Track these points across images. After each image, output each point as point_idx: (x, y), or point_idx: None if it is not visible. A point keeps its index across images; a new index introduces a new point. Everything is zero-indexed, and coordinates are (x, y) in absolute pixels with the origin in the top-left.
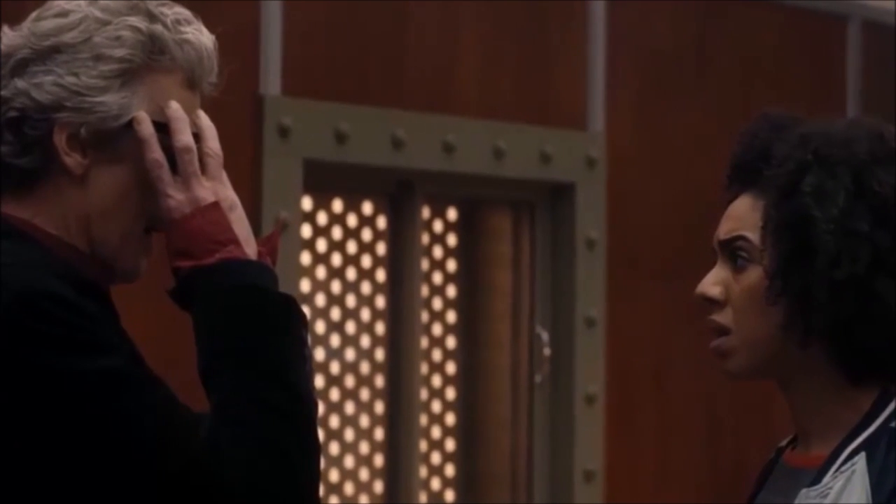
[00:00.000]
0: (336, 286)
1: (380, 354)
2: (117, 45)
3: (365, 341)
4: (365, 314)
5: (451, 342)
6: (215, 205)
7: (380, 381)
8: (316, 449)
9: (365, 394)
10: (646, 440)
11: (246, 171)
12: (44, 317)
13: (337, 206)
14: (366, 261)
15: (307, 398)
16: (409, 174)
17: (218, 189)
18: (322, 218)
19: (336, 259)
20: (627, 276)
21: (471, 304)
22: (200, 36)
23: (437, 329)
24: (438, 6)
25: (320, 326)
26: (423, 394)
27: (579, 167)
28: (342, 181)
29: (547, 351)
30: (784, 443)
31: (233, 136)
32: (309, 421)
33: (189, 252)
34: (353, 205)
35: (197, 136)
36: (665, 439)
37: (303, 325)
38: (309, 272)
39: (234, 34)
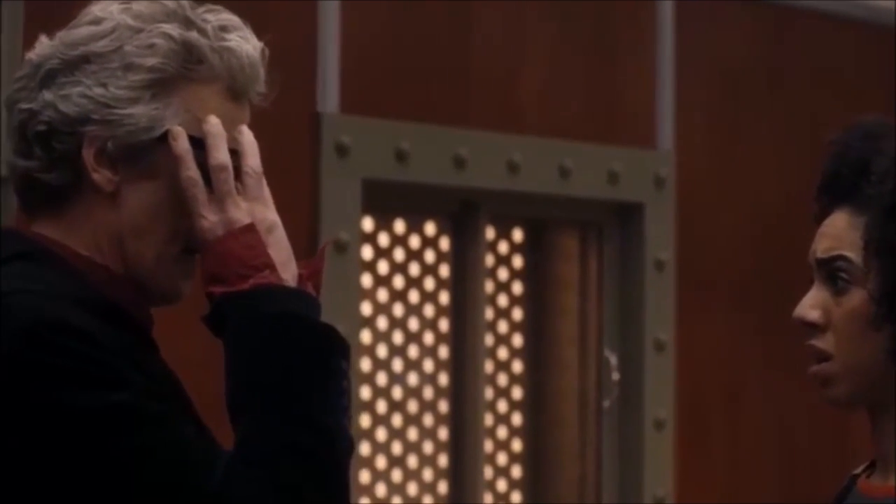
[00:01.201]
0: (398, 309)
1: (443, 379)
2: (149, 54)
3: (428, 365)
4: (428, 338)
5: (517, 366)
6: (250, 227)
7: (443, 406)
8: (341, 495)
9: (428, 419)
10: (717, 467)
11: (303, 191)
12: (50, 349)
13: (399, 227)
14: (429, 283)
15: (339, 438)
16: (472, 194)
17: (255, 210)
18: (383, 239)
19: (398, 281)
20: (698, 297)
21: (537, 328)
22: (244, 43)
23: (502, 353)
24: (503, 22)
25: (382, 350)
26: (489, 419)
27: (648, 186)
28: (403, 201)
29: (615, 375)
30: (859, 470)
31: (289, 155)
32: (337, 465)
33: (222, 277)
34: (415, 226)
35: (238, 153)
36: (737, 466)
37: (343, 356)
38: (370, 295)
39: (289, 49)
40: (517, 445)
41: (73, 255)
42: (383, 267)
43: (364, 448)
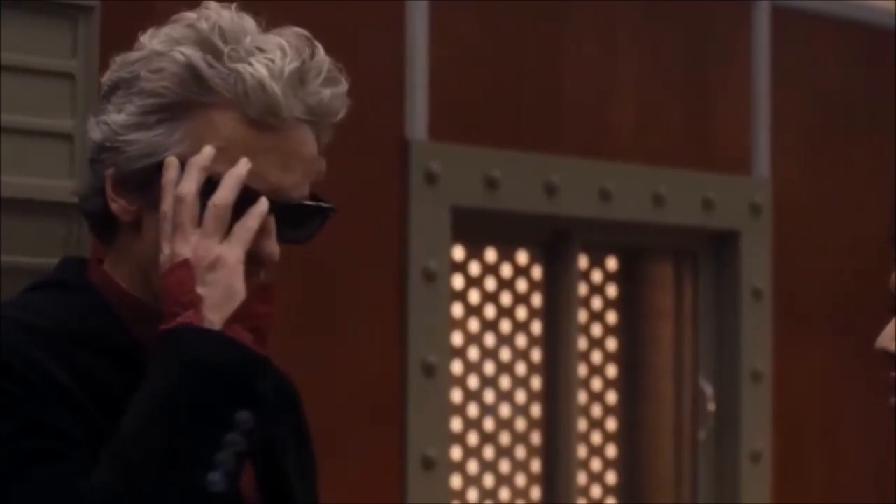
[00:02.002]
0: (490, 339)
1: (536, 410)
2: (156, 79)
3: (520, 396)
4: (520, 368)
5: (611, 397)
6: (185, 262)
7: (536, 438)
8: None
9: (521, 451)
10: (815, 499)
11: (391, 219)
12: None
13: (490, 255)
14: (521, 312)
15: (197, 497)
16: (564, 222)
17: (202, 245)
18: (474, 268)
19: (490, 311)
20: (795, 327)
21: (631, 358)
22: (260, 68)
23: (596, 383)
24: (595, 47)
25: (473, 381)
26: (582, 451)
27: (744, 214)
28: (493, 229)
29: (711, 406)
30: None
31: (378, 183)
32: None
33: (164, 312)
34: (506, 254)
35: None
36: (835, 499)
37: (243, 404)
38: (461, 324)
39: (377, 76)
40: (611, 478)
41: (108, 285)
42: (474, 296)
43: (455, 480)
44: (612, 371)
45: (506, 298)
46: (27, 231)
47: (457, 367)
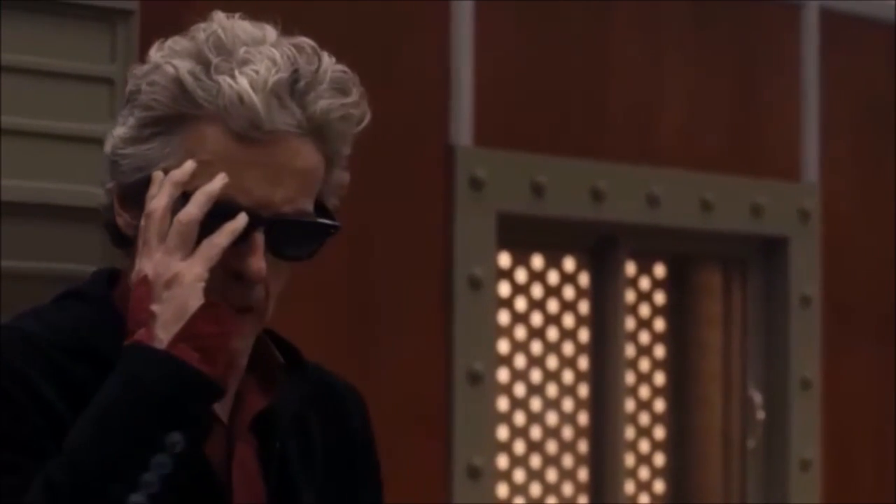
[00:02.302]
0: (537, 347)
1: (583, 418)
2: (150, 92)
3: (567, 405)
4: (567, 376)
5: (659, 405)
6: (143, 279)
7: (583, 446)
8: None
9: (568, 460)
10: None
11: (436, 225)
12: None
13: (536, 262)
14: (568, 320)
15: None
16: (611, 228)
17: (161, 261)
18: (520, 275)
19: (537, 318)
20: (845, 334)
21: (679, 365)
22: (241, 81)
23: (644, 391)
24: (642, 51)
25: (520, 389)
26: (630, 460)
27: (792, 220)
28: (539, 236)
29: (760, 414)
30: None
31: (422, 190)
32: None
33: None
34: (553, 261)
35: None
36: None
37: (177, 427)
38: (507, 332)
39: (422, 82)
40: (659, 487)
41: (125, 298)
42: (521, 304)
43: (502, 490)
44: (659, 379)
45: (553, 306)
46: (66, 237)
47: (503, 374)
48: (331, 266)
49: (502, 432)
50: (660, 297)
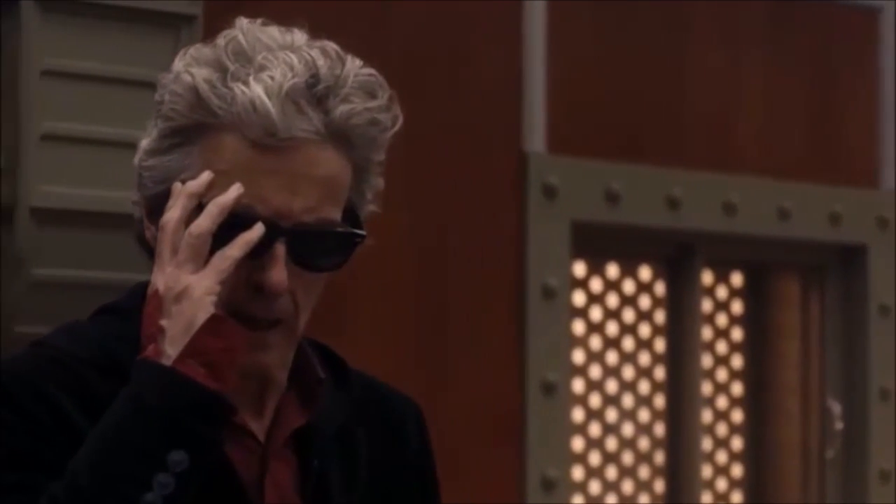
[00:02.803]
0: (612, 357)
1: (659, 429)
2: (169, 102)
3: (644, 415)
4: (643, 387)
5: (736, 416)
6: (154, 294)
7: (659, 457)
8: None
9: (644, 471)
10: None
11: (509, 234)
12: None
13: (610, 271)
14: (644, 330)
15: None
16: (687, 236)
17: (171, 275)
18: (595, 284)
19: (612, 328)
20: None
21: (757, 376)
22: (255, 87)
23: (721, 402)
24: (718, 57)
25: (596, 400)
26: (707, 471)
27: (871, 228)
28: (615, 244)
29: (839, 425)
30: None
31: (495, 197)
32: None
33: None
34: (628, 270)
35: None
36: None
37: (180, 446)
38: (582, 342)
39: (494, 89)
40: (737, 498)
41: None
42: (596, 313)
43: (577, 501)
44: (737, 389)
45: (629, 315)
46: (125, 246)
47: (578, 385)
48: (400, 277)
49: (577, 443)
50: (737, 307)
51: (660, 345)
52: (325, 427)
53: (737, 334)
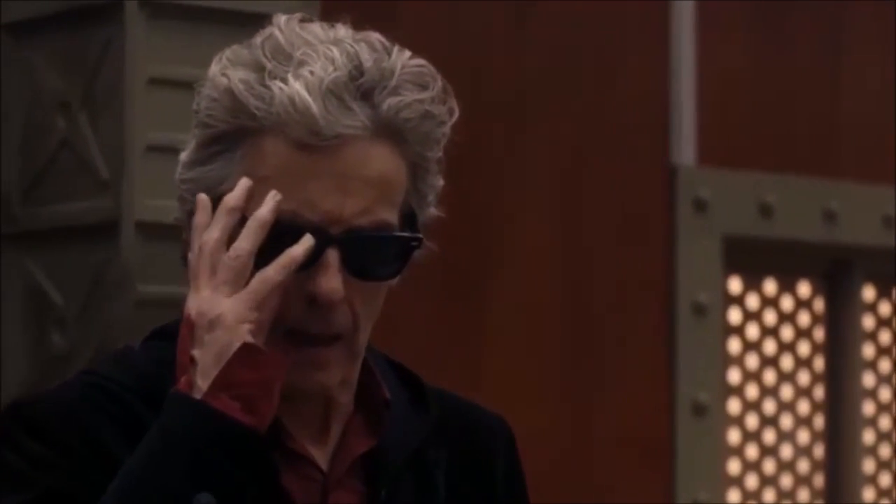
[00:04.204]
0: (770, 376)
1: (819, 451)
2: (207, 108)
3: (803, 436)
4: (803, 407)
5: None
6: (186, 320)
7: (819, 480)
8: None
9: (803, 495)
10: None
11: (658, 250)
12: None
13: (764, 287)
14: (803, 348)
15: None
16: (846, 251)
17: (205, 300)
18: (749, 301)
19: (769, 346)
20: None
21: None
22: (294, 84)
23: (884, 422)
24: (874, 64)
25: (752, 420)
26: (869, 494)
27: None
28: (768, 260)
29: None
30: None
31: (643, 212)
32: None
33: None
34: (785, 285)
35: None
36: None
37: (203, 487)
38: (738, 361)
39: (641, 99)
40: None
41: None
42: (752, 331)
43: None
44: None
45: (787, 333)
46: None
47: (734, 405)
48: (544, 296)
49: (734, 466)
50: None
51: (819, 363)
52: (396, 453)
53: None
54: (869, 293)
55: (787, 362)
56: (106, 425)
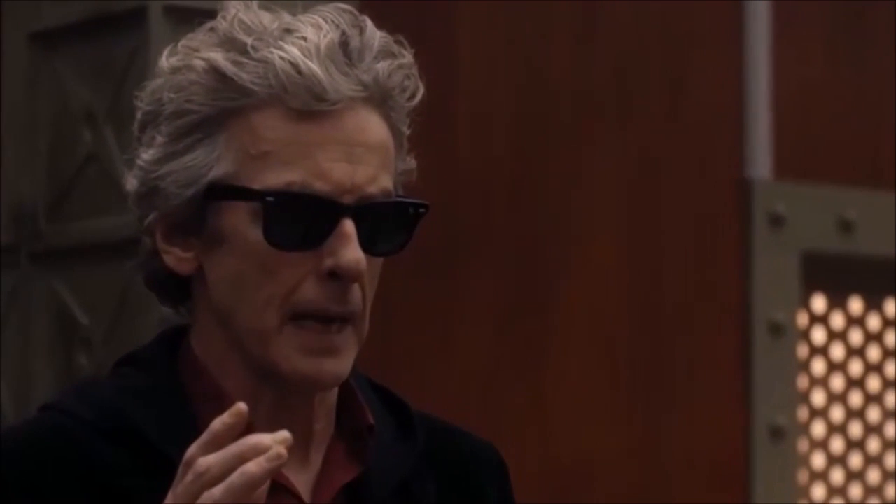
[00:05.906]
0: (856, 398)
1: None
2: (180, 97)
3: (890, 461)
4: (890, 430)
5: None
6: None
7: None
8: None
9: None
10: None
11: (732, 267)
12: None
13: (849, 305)
14: (890, 369)
15: None
16: None
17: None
18: (832, 320)
19: (855, 367)
20: None
21: None
22: (291, 49)
23: None
24: None
25: (837, 444)
26: None
27: None
28: (845, 277)
29: None
30: None
31: (716, 228)
32: None
33: None
34: (870, 304)
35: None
36: None
37: None
38: (820, 382)
39: (714, 110)
40: None
41: (188, 363)
42: (837, 351)
43: None
44: None
45: (874, 353)
46: None
47: (818, 428)
48: (613, 313)
49: (818, 492)
50: None
51: None
52: (382, 483)
53: None
54: None
55: (874, 384)
56: (59, 473)
